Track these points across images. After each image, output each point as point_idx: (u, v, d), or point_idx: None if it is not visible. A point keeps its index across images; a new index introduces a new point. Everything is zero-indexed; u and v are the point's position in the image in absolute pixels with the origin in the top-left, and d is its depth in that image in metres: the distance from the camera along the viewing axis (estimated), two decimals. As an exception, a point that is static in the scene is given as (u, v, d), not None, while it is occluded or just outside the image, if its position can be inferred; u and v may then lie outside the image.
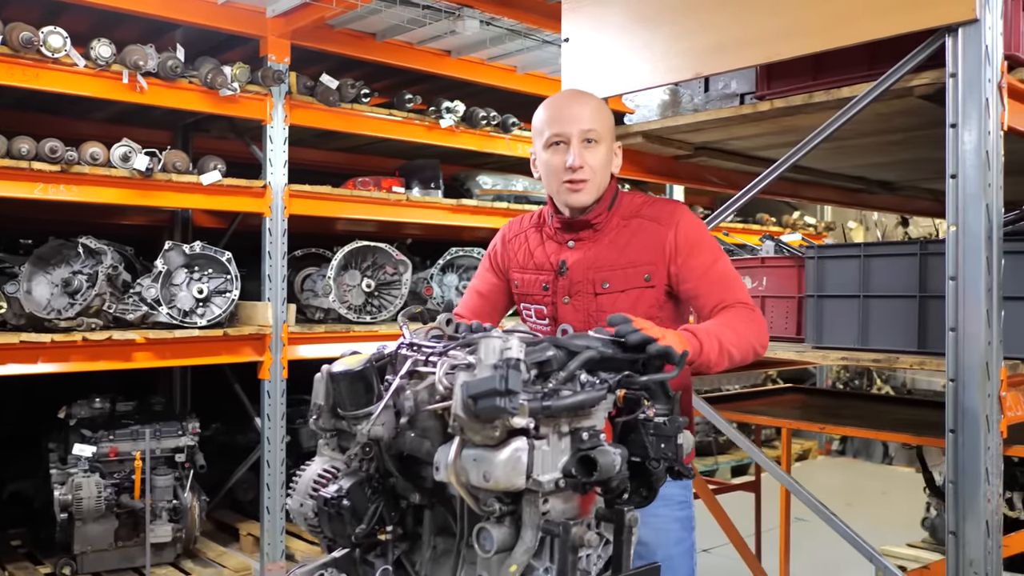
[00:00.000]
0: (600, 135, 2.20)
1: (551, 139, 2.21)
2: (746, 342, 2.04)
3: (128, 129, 4.99)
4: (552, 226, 2.32)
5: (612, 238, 2.23)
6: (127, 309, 4.49)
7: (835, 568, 5.30)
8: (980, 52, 2.20)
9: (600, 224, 2.24)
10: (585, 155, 2.18)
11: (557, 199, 2.27)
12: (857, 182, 4.24)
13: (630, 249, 2.20)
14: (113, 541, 4.56)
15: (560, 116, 2.22)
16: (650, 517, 2.18)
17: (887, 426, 3.25)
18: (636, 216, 2.24)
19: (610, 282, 2.20)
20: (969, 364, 2.22)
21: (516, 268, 2.38)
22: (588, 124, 2.19)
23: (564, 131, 2.19)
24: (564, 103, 2.26)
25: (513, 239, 2.42)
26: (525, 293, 2.35)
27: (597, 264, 2.22)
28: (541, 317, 2.32)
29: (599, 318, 2.19)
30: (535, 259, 2.33)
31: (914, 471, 8.14)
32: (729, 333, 2.01)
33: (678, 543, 2.24)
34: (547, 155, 2.23)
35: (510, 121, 5.84)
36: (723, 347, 1.98)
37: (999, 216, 2.24)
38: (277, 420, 4.92)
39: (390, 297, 5.43)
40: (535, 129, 2.29)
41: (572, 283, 2.24)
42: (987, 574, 2.20)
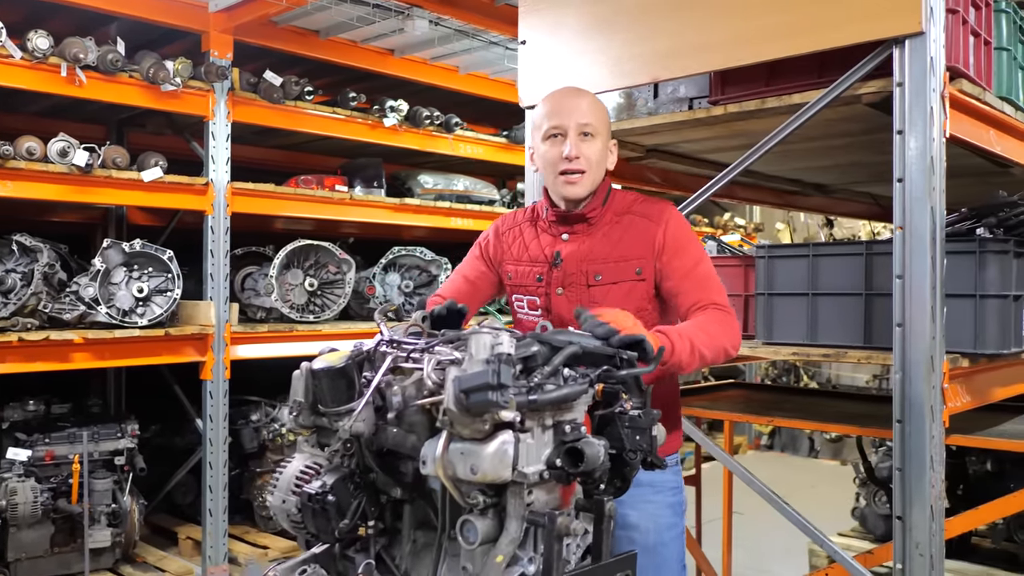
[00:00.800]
0: (596, 129, 2.28)
1: (549, 131, 2.29)
2: (717, 343, 2.12)
3: (61, 123, 4.85)
4: (547, 219, 2.39)
5: (605, 232, 2.30)
6: (64, 309, 4.37)
7: (770, 559, 5.49)
8: (925, 63, 2.32)
9: (594, 218, 2.31)
10: (581, 147, 2.26)
11: (553, 191, 2.34)
12: (794, 184, 4.39)
13: (622, 243, 2.27)
14: (49, 547, 4.43)
15: (558, 109, 2.29)
16: (645, 503, 2.27)
17: (828, 418, 3.40)
18: (628, 212, 2.31)
19: (602, 274, 2.26)
20: (915, 358, 2.34)
21: (510, 260, 2.43)
22: (585, 118, 2.26)
23: (562, 123, 2.26)
24: (562, 97, 2.33)
25: (507, 232, 2.48)
26: (519, 284, 2.40)
27: (591, 257, 2.29)
28: (534, 308, 2.37)
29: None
30: (530, 252, 2.39)
31: (839, 464, 8.47)
32: (701, 335, 2.08)
33: (670, 528, 2.31)
34: (545, 147, 2.31)
35: (453, 121, 5.86)
36: (695, 348, 2.05)
37: (942, 218, 2.37)
38: (219, 421, 4.85)
39: (333, 296, 5.40)
40: (533, 124, 2.36)
41: (566, 275, 2.30)
42: (932, 556, 2.32)
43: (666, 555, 2.30)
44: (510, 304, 2.46)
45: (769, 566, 5.44)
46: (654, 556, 2.27)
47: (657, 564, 2.28)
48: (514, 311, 2.45)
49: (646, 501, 2.27)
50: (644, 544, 2.26)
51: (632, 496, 2.26)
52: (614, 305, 2.18)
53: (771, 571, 5.39)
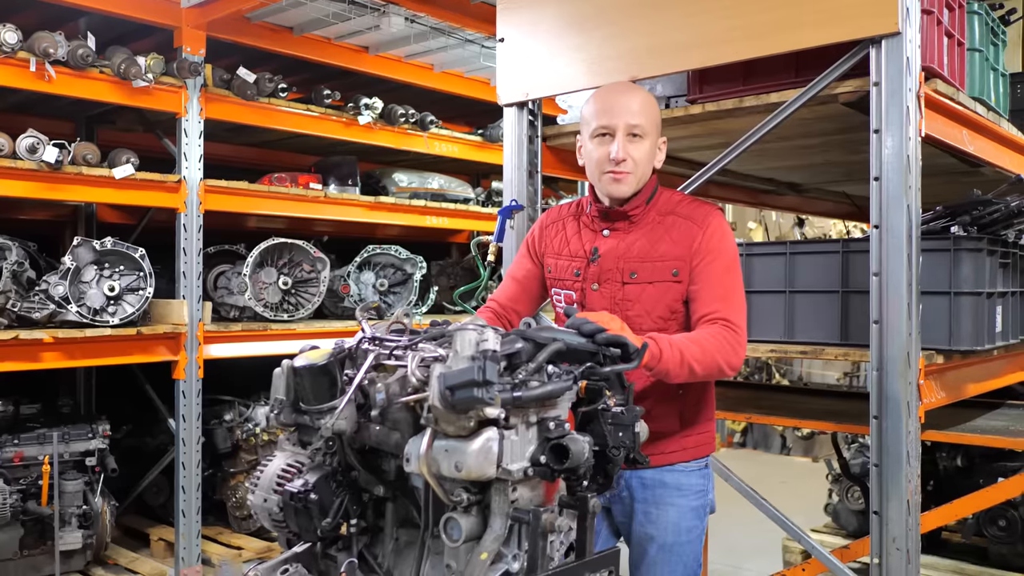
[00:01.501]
0: (646, 129, 2.26)
1: (597, 130, 2.27)
2: (711, 359, 2.10)
3: (30, 119, 4.75)
4: (589, 215, 2.38)
5: (647, 231, 2.28)
6: (33, 308, 4.29)
7: (743, 555, 5.53)
8: (902, 63, 2.35)
9: (637, 216, 2.30)
10: (629, 148, 2.24)
11: (598, 188, 2.33)
12: (768, 183, 4.43)
13: (662, 244, 2.25)
14: (18, 550, 4.35)
15: (608, 108, 2.27)
16: (667, 506, 2.29)
17: (804, 415, 3.43)
18: (672, 213, 2.29)
19: (638, 272, 2.25)
20: (892, 355, 2.37)
21: (551, 254, 2.43)
22: (635, 119, 2.24)
23: (611, 123, 2.24)
24: (613, 95, 2.31)
25: (551, 225, 2.48)
26: (557, 278, 2.40)
27: (628, 255, 2.28)
28: (570, 303, 2.36)
29: (624, 307, 2.26)
30: (570, 246, 2.39)
31: (810, 461, 8.55)
32: (694, 348, 2.08)
33: (690, 530, 2.31)
34: (592, 145, 2.29)
35: (428, 119, 5.84)
36: (684, 359, 2.06)
37: (918, 216, 2.40)
38: (192, 421, 4.79)
39: (307, 295, 5.36)
40: (583, 119, 2.34)
41: (602, 271, 2.30)
42: (908, 550, 2.35)
43: (683, 554, 2.31)
44: (550, 298, 2.46)
45: (743, 562, 5.48)
46: (671, 554, 2.29)
47: (673, 562, 2.30)
48: (553, 305, 2.45)
49: (670, 504, 2.29)
50: (663, 542, 2.29)
51: (657, 495, 2.29)
52: (648, 305, 2.20)
53: (746, 568, 5.43)
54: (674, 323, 2.27)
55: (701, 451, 2.35)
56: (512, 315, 2.45)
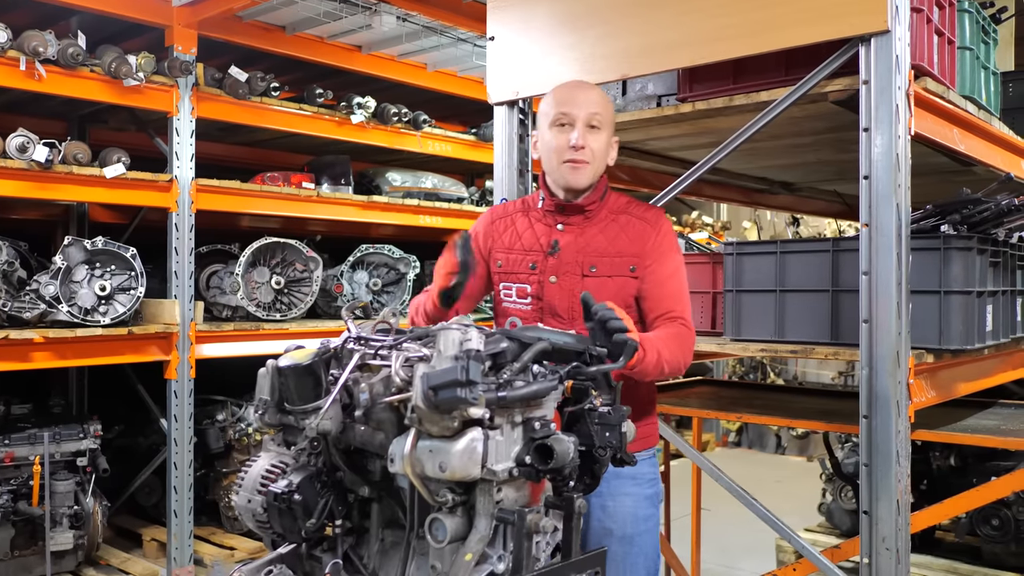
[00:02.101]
0: (603, 122, 2.32)
1: (557, 119, 2.31)
2: (676, 359, 2.19)
3: (20, 118, 4.73)
4: (542, 209, 2.41)
5: (602, 228, 2.34)
6: (24, 307, 4.27)
7: (736, 555, 5.52)
8: (891, 61, 2.34)
9: (591, 212, 2.35)
10: (588, 138, 2.30)
11: (555, 179, 2.36)
12: (760, 182, 4.43)
13: (619, 240, 2.31)
14: (9, 550, 4.33)
15: (568, 98, 2.33)
16: (622, 496, 2.30)
17: (796, 414, 3.42)
18: (624, 213, 2.36)
19: (598, 267, 2.30)
20: (882, 354, 2.36)
21: (501, 249, 2.45)
22: (595, 108, 2.30)
23: (571, 112, 2.30)
24: (573, 87, 2.38)
25: (498, 221, 2.50)
26: (509, 272, 2.41)
27: (588, 249, 2.32)
28: (523, 296, 2.38)
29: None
30: (523, 240, 2.41)
31: (805, 460, 8.56)
32: (666, 351, 2.14)
33: (647, 519, 2.35)
34: (551, 135, 2.33)
35: (421, 118, 5.83)
36: (661, 359, 2.12)
37: (908, 215, 2.39)
38: (184, 421, 4.78)
39: (300, 295, 5.34)
40: (541, 111, 2.38)
41: (561, 263, 2.33)
42: (898, 550, 2.35)
43: (643, 544, 2.33)
44: (496, 293, 2.47)
45: (736, 562, 5.48)
46: (631, 546, 2.31)
47: (634, 553, 2.32)
48: (499, 300, 2.46)
49: (625, 493, 2.30)
50: (622, 534, 2.31)
51: (611, 487, 2.29)
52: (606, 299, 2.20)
53: (739, 567, 5.43)
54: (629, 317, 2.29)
55: (649, 441, 2.39)
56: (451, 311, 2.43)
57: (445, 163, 6.55)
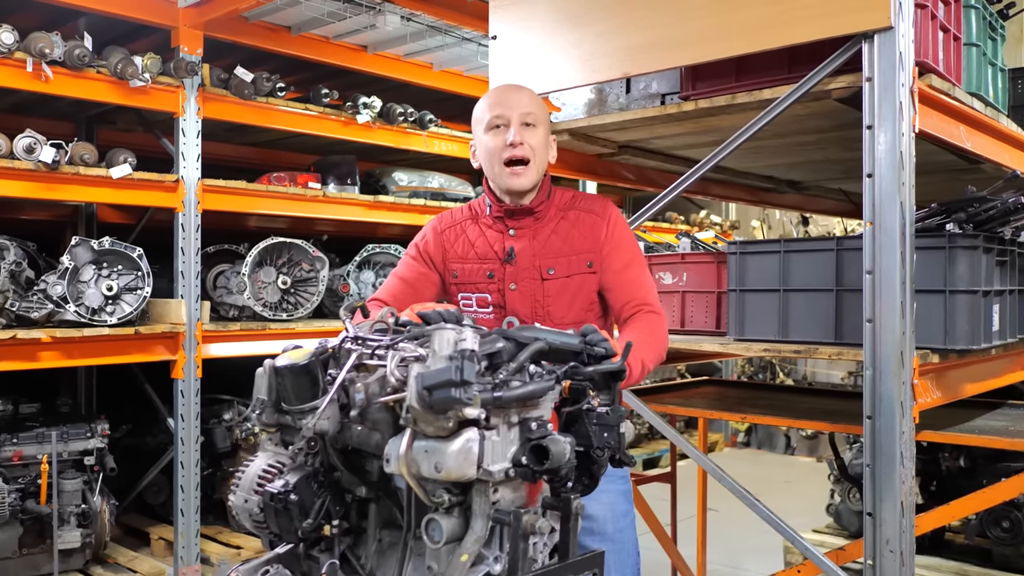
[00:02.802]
0: (538, 119, 2.32)
1: (492, 122, 2.32)
2: (657, 354, 2.19)
3: (29, 120, 4.76)
4: (491, 215, 2.39)
5: (554, 228, 2.33)
6: (31, 307, 4.29)
7: (744, 555, 5.50)
8: (894, 58, 2.32)
9: (540, 213, 2.34)
10: (524, 135, 2.29)
11: (497, 184, 2.34)
12: (767, 181, 4.40)
13: (572, 238, 2.30)
14: (17, 548, 4.35)
15: (500, 101, 2.35)
16: (600, 493, 2.26)
17: (801, 415, 3.40)
18: (572, 208, 2.35)
19: (556, 268, 2.29)
20: (885, 354, 2.34)
21: (454, 259, 2.41)
22: (527, 107, 2.31)
23: (504, 113, 2.31)
24: (503, 90, 2.41)
25: (447, 230, 2.46)
26: (466, 282, 2.39)
27: (543, 252, 2.31)
28: (484, 305, 2.36)
29: (545, 303, 2.30)
30: (476, 249, 2.38)
31: (815, 461, 8.51)
32: (648, 350, 2.14)
33: (625, 515, 2.36)
34: (488, 138, 2.33)
35: (427, 118, 5.83)
36: (644, 366, 2.12)
37: (911, 213, 2.37)
38: (191, 420, 4.79)
39: (306, 294, 5.35)
40: (475, 119, 2.38)
41: (519, 270, 2.32)
42: (902, 552, 2.32)
43: (624, 542, 2.35)
44: (455, 304, 2.43)
45: (744, 563, 5.45)
46: (614, 543, 2.31)
47: (617, 551, 2.32)
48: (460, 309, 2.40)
49: (601, 491, 2.25)
50: (603, 533, 2.31)
51: None
52: (567, 299, 2.25)
53: (746, 568, 5.40)
54: (592, 314, 2.34)
55: None
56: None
57: (452, 162, 6.54)
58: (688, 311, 3.38)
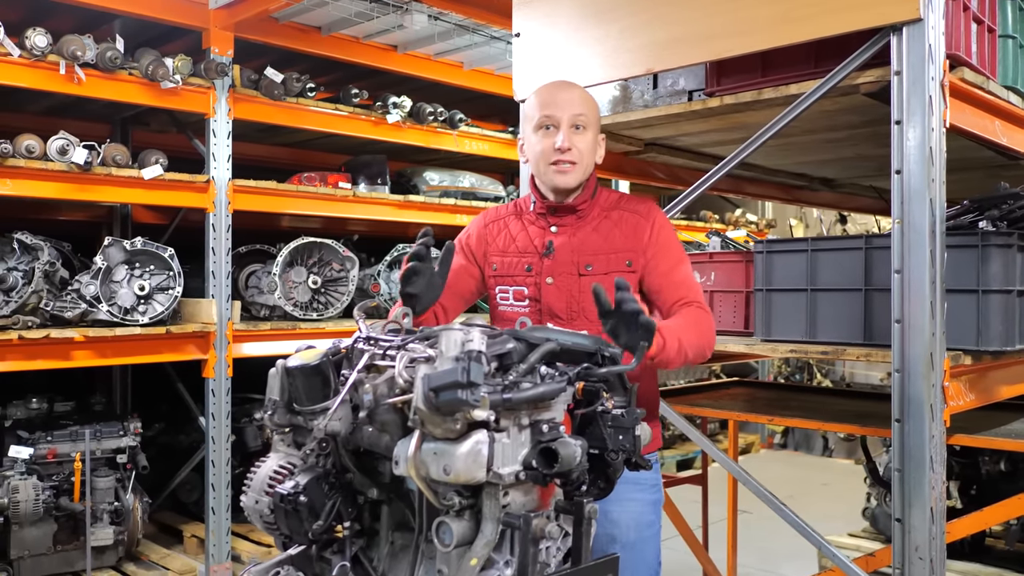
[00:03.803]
0: (588, 121, 2.29)
1: (541, 122, 2.30)
2: (701, 343, 2.14)
3: (65, 122, 4.84)
4: (535, 211, 2.39)
5: (595, 226, 2.31)
6: (65, 307, 4.35)
7: (779, 559, 5.41)
8: (924, 51, 2.26)
9: (583, 211, 2.33)
10: (574, 138, 2.27)
11: (543, 182, 2.34)
12: (799, 179, 4.33)
13: (613, 236, 2.28)
14: (52, 545, 4.42)
15: (551, 100, 2.30)
16: (626, 501, 2.26)
17: (832, 417, 3.32)
18: (616, 208, 2.34)
19: (594, 265, 2.28)
20: (914, 355, 2.27)
21: (495, 253, 2.43)
22: (578, 109, 2.28)
23: (554, 114, 2.27)
24: (555, 89, 2.35)
25: (491, 224, 2.47)
26: (505, 275, 2.39)
27: (582, 248, 2.30)
28: (520, 299, 2.36)
29: (581, 299, 2.27)
30: (517, 243, 2.39)
31: (853, 463, 8.36)
32: (688, 334, 2.09)
33: (649, 526, 2.32)
34: (536, 138, 2.32)
35: (457, 117, 5.81)
36: (682, 346, 2.06)
37: (942, 211, 2.30)
38: (222, 419, 4.83)
39: (336, 294, 5.37)
40: (525, 115, 2.37)
41: (557, 264, 2.31)
42: (932, 560, 2.26)
43: (645, 551, 2.31)
44: (491, 297, 2.44)
45: (778, 567, 5.36)
46: (633, 552, 2.28)
47: (636, 560, 2.28)
48: (495, 304, 2.44)
49: (628, 499, 2.26)
50: (625, 541, 2.27)
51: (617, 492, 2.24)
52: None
53: (780, 572, 5.32)
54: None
55: (652, 446, 2.33)
56: (437, 308, 2.38)
57: (484, 162, 6.52)
58: (716, 311, 3.33)
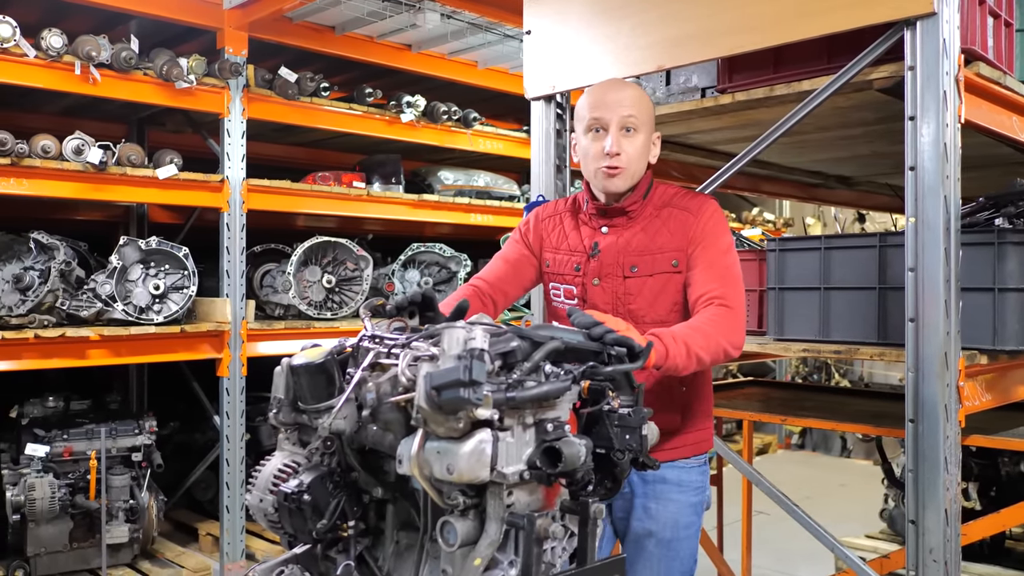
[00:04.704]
0: (639, 123, 2.23)
1: (591, 124, 2.25)
2: (715, 344, 2.06)
3: (81, 122, 4.87)
4: (587, 212, 2.36)
5: (644, 225, 2.27)
6: (81, 306, 4.38)
7: (795, 560, 5.36)
8: (938, 45, 2.22)
9: (635, 212, 2.28)
10: (623, 142, 2.22)
11: (593, 184, 2.31)
12: (815, 177, 4.29)
13: (660, 236, 2.24)
14: (68, 542, 4.44)
15: (601, 102, 2.25)
16: (668, 501, 2.28)
17: (847, 417, 3.29)
18: (668, 205, 2.28)
19: (639, 266, 2.24)
20: (928, 354, 2.24)
21: (549, 248, 2.41)
22: (628, 111, 2.22)
23: (604, 116, 2.22)
24: (606, 89, 2.29)
25: (547, 219, 2.45)
26: (556, 272, 2.38)
27: (628, 249, 2.26)
28: (570, 297, 2.35)
29: (627, 300, 2.25)
30: (569, 241, 2.37)
31: (872, 464, 8.28)
32: (697, 336, 2.03)
33: (688, 527, 2.30)
34: (586, 140, 2.27)
35: (471, 116, 5.80)
36: (690, 351, 2.00)
37: (957, 208, 2.26)
38: (236, 418, 4.85)
39: (351, 293, 5.37)
40: (576, 115, 2.32)
41: (603, 265, 2.28)
42: (946, 562, 2.22)
43: (680, 550, 2.29)
44: (546, 292, 2.43)
45: (794, 568, 5.32)
46: (668, 550, 2.27)
47: (670, 557, 2.28)
48: (549, 299, 2.42)
49: (670, 499, 2.27)
50: (660, 537, 2.27)
51: (657, 491, 2.28)
52: (649, 298, 2.19)
53: (795, 574, 5.27)
54: (675, 314, 2.24)
55: (701, 447, 2.32)
56: (498, 295, 2.39)
57: (498, 161, 6.51)
58: (729, 310, 3.29)
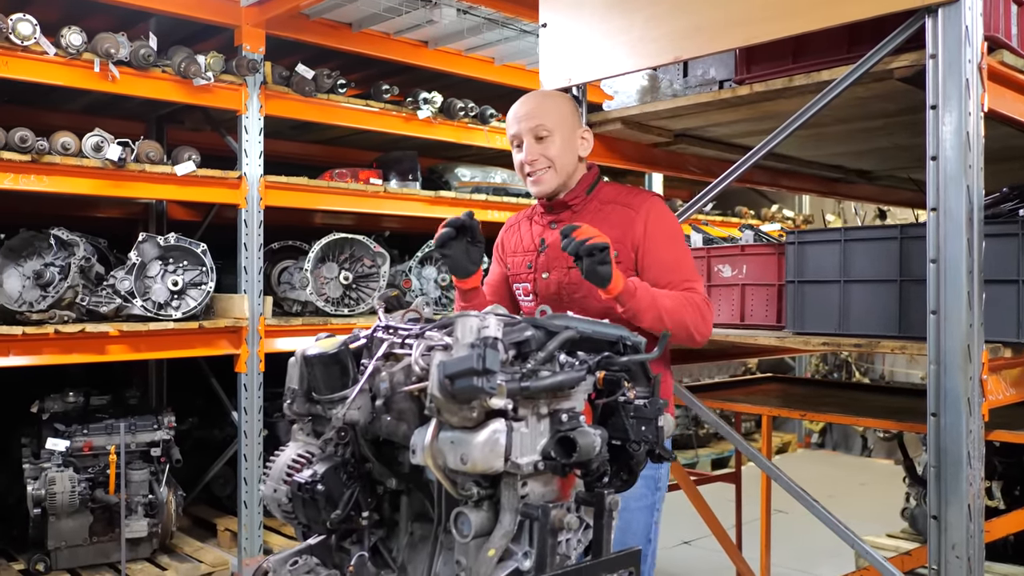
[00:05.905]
0: (551, 127, 2.41)
1: (512, 140, 2.49)
2: (679, 316, 2.22)
3: (100, 120, 4.88)
4: (537, 211, 2.57)
5: (589, 220, 2.39)
6: (100, 302, 4.40)
7: (815, 559, 5.31)
8: (960, 33, 2.18)
9: (578, 206, 2.46)
10: (537, 148, 2.41)
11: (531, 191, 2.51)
12: (835, 171, 4.24)
13: (602, 229, 2.30)
14: (88, 536, 4.47)
15: (513, 118, 2.47)
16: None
17: (868, 413, 3.24)
18: (612, 202, 2.44)
19: None
20: (951, 347, 2.20)
21: (508, 254, 2.63)
22: (534, 121, 2.42)
23: (517, 130, 2.45)
24: (516, 106, 2.49)
25: (509, 228, 2.67)
26: (515, 273, 2.58)
27: None
28: (527, 294, 2.53)
29: (571, 289, 2.40)
30: (523, 243, 2.57)
31: (893, 463, 8.20)
32: (666, 300, 2.21)
33: (639, 499, 2.36)
34: (514, 153, 2.48)
35: (488, 113, 5.79)
36: (657, 304, 2.19)
37: (980, 198, 2.22)
38: (254, 414, 4.86)
39: (368, 290, 5.37)
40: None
41: (549, 259, 2.45)
42: (969, 558, 2.19)
43: (631, 523, 2.35)
44: (514, 294, 2.62)
45: (815, 567, 5.27)
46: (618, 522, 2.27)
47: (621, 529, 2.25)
48: (518, 301, 2.61)
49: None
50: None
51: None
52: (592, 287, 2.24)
53: (816, 572, 5.22)
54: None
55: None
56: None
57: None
58: (748, 305, 3.27)
